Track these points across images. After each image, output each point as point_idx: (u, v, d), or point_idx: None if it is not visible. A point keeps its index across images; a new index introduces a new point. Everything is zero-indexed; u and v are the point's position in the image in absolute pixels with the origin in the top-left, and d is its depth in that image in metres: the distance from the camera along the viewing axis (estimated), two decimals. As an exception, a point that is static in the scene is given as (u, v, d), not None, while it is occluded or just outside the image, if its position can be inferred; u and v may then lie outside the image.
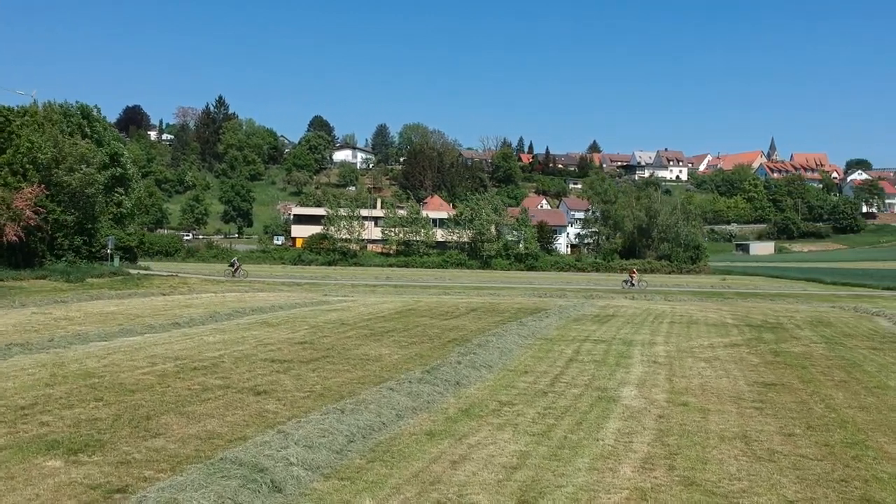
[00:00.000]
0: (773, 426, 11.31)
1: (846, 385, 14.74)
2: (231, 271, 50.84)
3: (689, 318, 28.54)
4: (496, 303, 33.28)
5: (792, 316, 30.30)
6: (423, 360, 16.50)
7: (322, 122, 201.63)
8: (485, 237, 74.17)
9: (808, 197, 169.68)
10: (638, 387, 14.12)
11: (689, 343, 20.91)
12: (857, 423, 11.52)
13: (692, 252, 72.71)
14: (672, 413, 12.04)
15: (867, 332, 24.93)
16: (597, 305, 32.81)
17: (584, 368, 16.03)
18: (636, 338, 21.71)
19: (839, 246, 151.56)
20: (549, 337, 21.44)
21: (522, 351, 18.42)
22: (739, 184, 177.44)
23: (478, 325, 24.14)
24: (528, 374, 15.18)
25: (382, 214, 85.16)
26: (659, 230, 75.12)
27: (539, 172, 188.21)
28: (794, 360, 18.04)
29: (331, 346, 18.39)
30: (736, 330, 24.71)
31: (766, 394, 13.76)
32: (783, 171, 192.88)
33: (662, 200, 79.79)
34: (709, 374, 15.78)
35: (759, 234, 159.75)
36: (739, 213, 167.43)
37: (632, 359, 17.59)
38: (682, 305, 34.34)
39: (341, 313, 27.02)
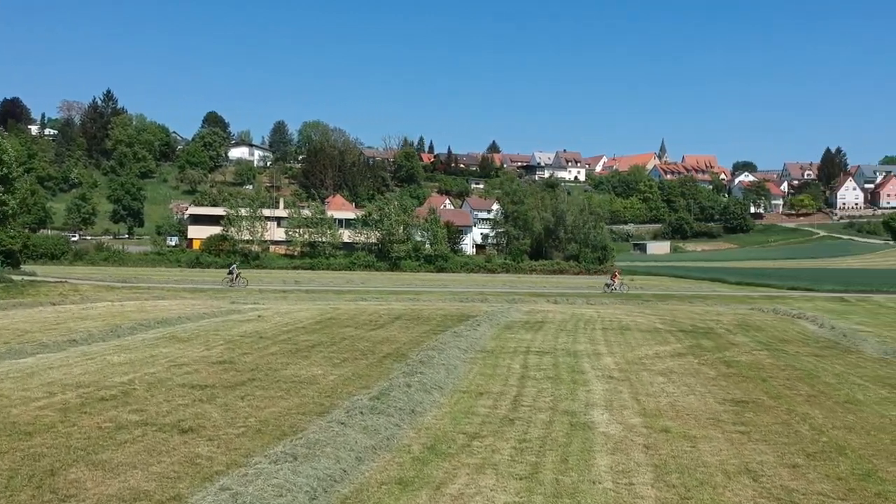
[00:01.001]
0: (770, 456, 10.30)
1: (817, 401, 14.00)
2: (230, 279, 46.39)
3: (620, 323, 27.85)
4: (418, 309, 31.79)
5: (718, 319, 30.09)
6: (363, 382, 14.86)
7: (217, 118, 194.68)
8: (394, 238, 72.55)
9: (700, 198, 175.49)
10: (607, 409, 12.94)
11: (635, 353, 20.01)
12: (855, 449, 10.65)
13: (600, 253, 73.32)
14: (657, 442, 10.89)
15: (799, 337, 24.77)
16: (522, 311, 31.80)
17: (540, 387, 14.75)
18: (578, 348, 20.67)
19: (730, 245, 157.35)
20: (489, 349, 20.14)
21: (467, 367, 17.02)
22: (635, 185, 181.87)
23: (408, 335, 22.60)
24: (484, 397, 13.78)
25: (286, 214, 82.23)
26: (566, 231, 75.32)
27: (441, 172, 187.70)
28: (749, 371, 17.33)
29: (255, 366, 16.48)
30: (672, 337, 24.07)
31: (743, 413, 12.83)
32: (676, 173, 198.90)
33: (569, 201, 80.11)
34: (672, 390, 14.79)
35: (655, 234, 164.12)
36: (636, 213, 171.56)
37: (585, 374, 16.46)
38: (606, 309, 33.77)
39: (256, 324, 24.95)
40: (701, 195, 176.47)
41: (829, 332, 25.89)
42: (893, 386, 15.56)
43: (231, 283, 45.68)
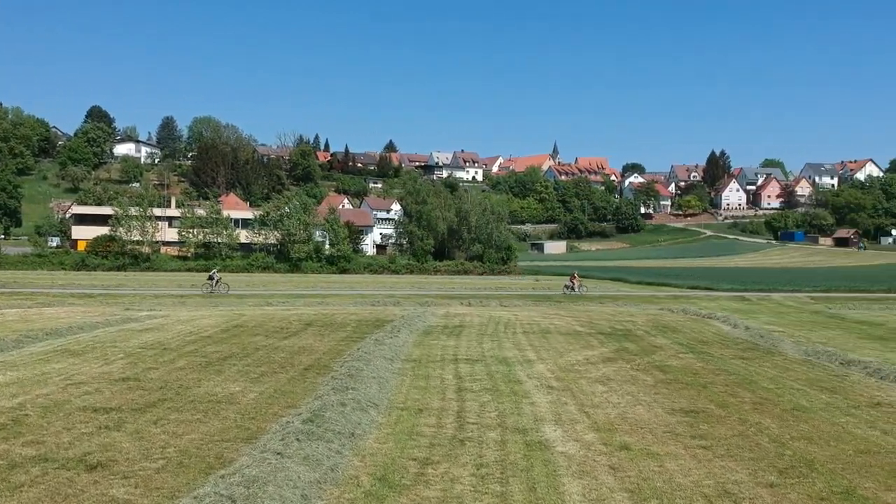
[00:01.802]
0: (742, 474, 9.71)
1: (764, 408, 13.64)
2: (210, 285, 43.53)
3: (539, 326, 27.33)
4: (330, 314, 30.41)
5: (632, 321, 30.04)
6: (288, 400, 13.58)
7: (101, 112, 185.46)
8: (294, 238, 70.34)
9: (594, 198, 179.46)
10: (557, 424, 12.15)
11: (565, 359, 19.40)
12: (824, 463, 10.19)
13: (503, 253, 73.33)
14: (622, 462, 10.14)
15: (717, 339, 24.83)
16: (437, 314, 30.89)
17: (481, 401, 13.83)
18: (507, 354, 19.90)
19: (623, 244, 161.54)
20: (415, 357, 19.11)
21: (398, 379, 15.94)
22: (531, 185, 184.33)
23: (326, 344, 21.30)
24: (424, 413, 12.75)
25: (178, 214, 78.55)
26: (470, 231, 74.99)
27: (338, 171, 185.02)
28: (685, 376, 16.95)
29: (163, 384, 14.88)
30: (595, 340, 23.67)
31: (697, 425, 12.28)
32: (570, 174, 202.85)
33: (472, 201, 79.84)
34: (616, 400, 14.17)
35: (551, 234, 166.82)
36: (532, 213, 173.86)
37: (523, 383, 15.66)
38: (521, 311, 33.28)
39: (158, 334, 23.05)
40: (594, 196, 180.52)
41: (745, 333, 26.11)
42: (832, 390, 15.44)
43: (211, 288, 43.07)
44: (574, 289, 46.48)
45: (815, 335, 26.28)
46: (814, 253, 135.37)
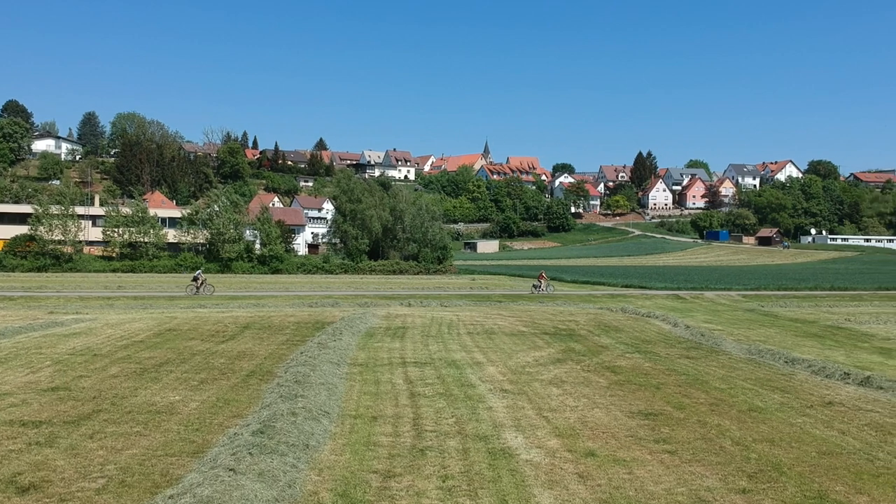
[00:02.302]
0: (713, 480, 9.50)
1: (721, 409, 13.55)
2: (194, 287, 41.94)
3: (483, 327, 27.00)
4: (266, 316, 29.47)
5: (574, 320, 30.00)
6: (233, 409, 12.87)
7: (18, 107, 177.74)
8: (224, 238, 68.46)
9: (525, 198, 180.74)
10: (518, 430, 11.77)
11: (514, 360, 19.07)
12: (791, 466, 10.08)
13: (439, 252, 72.90)
14: (590, 470, 9.82)
15: (660, 338, 24.91)
16: (378, 315, 30.26)
17: (437, 407, 13.37)
18: (455, 357, 19.47)
19: (554, 243, 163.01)
20: (361, 361, 18.51)
21: (347, 384, 15.34)
22: (464, 184, 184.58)
23: (266, 348, 20.50)
24: (379, 421, 12.21)
25: (103, 213, 75.57)
26: (405, 230, 74.33)
27: (268, 169, 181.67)
28: (637, 377, 16.81)
29: (96, 393, 13.97)
30: (540, 340, 23.45)
31: (658, 429, 12.08)
32: (502, 174, 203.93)
33: (407, 200, 79.17)
34: (573, 403, 13.89)
35: (484, 233, 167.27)
36: (465, 212, 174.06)
37: (476, 387, 15.24)
38: (463, 312, 32.90)
39: (87, 339, 21.85)
40: (526, 195, 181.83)
41: (686, 332, 26.28)
42: (783, 390, 15.49)
43: (196, 290, 41.69)
44: (542, 288, 46.49)
45: (753, 333, 26.64)
46: (738, 251, 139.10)
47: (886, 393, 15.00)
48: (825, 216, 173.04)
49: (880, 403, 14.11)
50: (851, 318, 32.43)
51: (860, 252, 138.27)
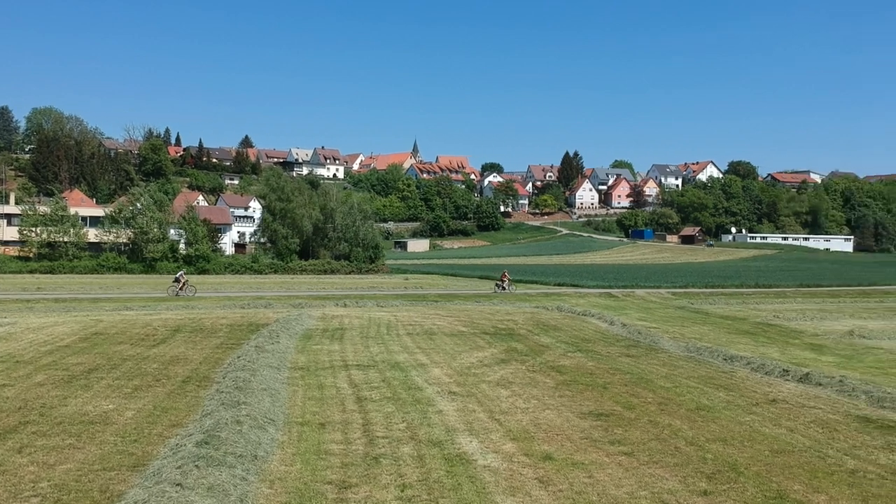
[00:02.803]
0: (672, 481, 9.43)
1: (670, 409, 13.57)
2: (175, 288, 41.01)
3: (422, 327, 26.69)
4: (197, 318, 28.52)
5: (512, 319, 29.96)
6: (172, 418, 12.27)
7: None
8: (148, 237, 66.28)
9: (455, 197, 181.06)
10: (472, 434, 11.52)
11: (459, 362, 18.83)
12: (747, 466, 10.11)
13: (371, 252, 72.25)
14: (549, 474, 9.63)
15: (599, 336, 25.05)
16: (314, 316, 29.61)
17: (385, 411, 13.01)
18: (398, 359, 19.11)
19: (484, 242, 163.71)
20: (301, 365, 17.98)
21: (290, 390, 14.83)
22: (393, 183, 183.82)
23: (200, 353, 19.75)
24: (328, 428, 11.80)
25: (19, 211, 72.29)
26: (336, 229, 73.36)
27: (192, 167, 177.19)
28: (582, 377, 16.76)
29: (22, 403, 13.14)
30: (481, 340, 23.28)
31: (611, 430, 11.99)
32: (431, 173, 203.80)
33: (338, 199, 78.18)
34: (523, 405, 13.72)
35: (414, 232, 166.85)
36: (395, 211, 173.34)
37: (423, 390, 14.94)
38: (400, 312, 32.50)
39: (7, 344, 20.66)
40: (456, 194, 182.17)
41: (623, 330, 26.52)
42: (727, 388, 15.64)
43: (178, 291, 40.80)
44: (504, 287, 46.78)
45: (687, 331, 27.05)
46: (663, 250, 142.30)
47: (826, 389, 15.30)
48: (745, 215, 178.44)
49: (822, 400, 14.36)
50: (779, 314, 33.30)
51: (779, 250, 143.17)
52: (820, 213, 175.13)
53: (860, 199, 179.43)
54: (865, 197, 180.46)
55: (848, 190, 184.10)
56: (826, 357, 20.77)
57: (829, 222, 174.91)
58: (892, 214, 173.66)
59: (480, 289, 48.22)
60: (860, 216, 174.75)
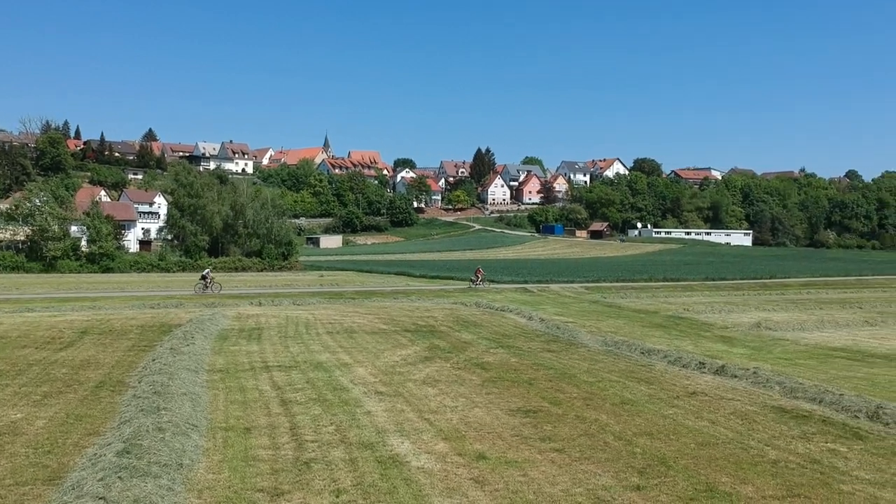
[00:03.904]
0: (605, 477, 9.56)
1: (595, 403, 13.77)
2: (202, 285, 41.81)
3: (342, 325, 26.36)
4: (105, 319, 27.39)
5: (432, 316, 29.93)
6: (88, 426, 11.72)
7: None
8: (48, 235, 63.32)
9: (368, 192, 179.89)
10: (403, 435, 11.40)
11: (382, 360, 18.66)
12: (676, 460, 10.34)
13: (284, 248, 70.96)
14: (484, 474, 9.62)
15: (519, 332, 25.28)
16: (229, 316, 28.85)
17: (312, 413, 12.75)
18: (321, 359, 18.79)
19: (397, 238, 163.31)
20: (220, 367, 17.47)
21: (211, 393, 14.37)
22: (305, 178, 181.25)
23: (112, 356, 18.95)
24: (254, 433, 11.47)
25: None
26: (247, 226, 71.76)
27: (93, 161, 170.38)
28: (507, 373, 16.86)
29: (-81, 415, 12.29)
30: (403, 338, 23.16)
31: (540, 426, 12.09)
32: (344, 168, 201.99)
33: (249, 195, 76.48)
34: (452, 403, 13.68)
35: (327, 228, 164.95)
36: (306, 207, 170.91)
37: (349, 391, 14.72)
38: (318, 310, 32.01)
39: None
40: (368, 190, 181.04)
41: (541, 325, 26.85)
42: (648, 381, 16.00)
43: (204, 288, 41.56)
44: (478, 282, 47.95)
45: (603, 325, 27.60)
46: (573, 245, 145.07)
47: (741, 381, 15.82)
48: (650, 211, 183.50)
49: (739, 392, 14.84)
50: (688, 308, 34.37)
51: (683, 245, 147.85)
52: (721, 208, 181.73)
53: (758, 196, 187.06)
54: (763, 193, 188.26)
55: (747, 186, 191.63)
56: (737, 349, 21.53)
57: (729, 217, 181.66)
58: (787, 210, 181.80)
59: (397, 285, 48.01)
60: (758, 211, 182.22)
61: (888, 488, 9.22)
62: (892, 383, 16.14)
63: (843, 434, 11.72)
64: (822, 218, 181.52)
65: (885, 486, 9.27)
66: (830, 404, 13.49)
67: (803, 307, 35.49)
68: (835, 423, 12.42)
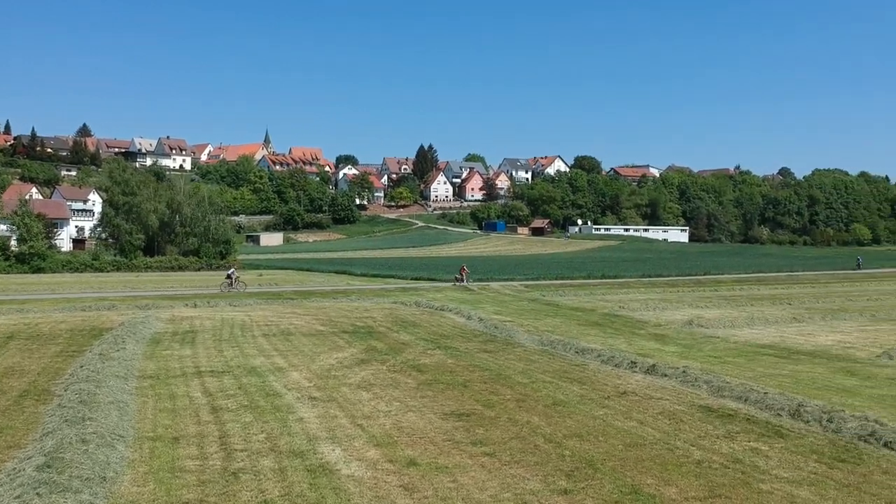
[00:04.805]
0: (534, 481, 9.66)
1: (527, 405, 13.92)
2: (227, 284, 42.98)
3: (278, 327, 26.09)
4: (33, 323, 26.61)
5: (371, 316, 29.85)
6: (8, 438, 11.42)
7: None
8: (-26, 234, 61.28)
9: (309, 189, 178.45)
10: (335, 442, 11.34)
11: (318, 364, 18.53)
12: (603, 461, 10.50)
13: (222, 247, 69.87)
14: (413, 480, 9.64)
15: (457, 332, 25.36)
16: (162, 318, 28.31)
17: (243, 421, 12.60)
18: (254, 363, 18.57)
19: (339, 235, 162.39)
20: (151, 373, 17.13)
21: (139, 401, 14.08)
22: (245, 175, 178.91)
23: (38, 362, 18.44)
24: (182, 443, 11.28)
25: None
26: (184, 224, 70.48)
27: (23, 156, 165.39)
28: (443, 376, 16.91)
29: None
30: (341, 340, 23.05)
31: (473, 430, 12.16)
32: (285, 164, 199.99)
33: (186, 192, 75.10)
34: (385, 407, 13.67)
35: (267, 225, 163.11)
36: (246, 204, 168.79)
37: (282, 396, 14.59)
38: (255, 311, 31.62)
39: None
40: (310, 187, 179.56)
41: (480, 325, 26.99)
42: (580, 381, 16.22)
43: (229, 287, 42.74)
44: (463, 280, 48.25)
45: (540, 324, 27.88)
46: (514, 242, 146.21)
47: (671, 380, 16.16)
48: (590, 208, 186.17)
49: (668, 391, 15.16)
50: (624, 305, 34.93)
51: (622, 241, 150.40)
52: (658, 205, 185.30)
53: (695, 193, 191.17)
54: (699, 190, 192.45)
55: (684, 184, 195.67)
56: (669, 347, 21.98)
57: (666, 214, 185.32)
58: (722, 206, 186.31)
59: (338, 285, 47.74)
60: (695, 208, 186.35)
61: (804, 486, 9.53)
62: (814, 380, 16.67)
63: (765, 432, 12.07)
64: (756, 214, 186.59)
65: (801, 485, 9.58)
66: (755, 403, 13.88)
67: (735, 304, 36.40)
68: (758, 421, 12.79)
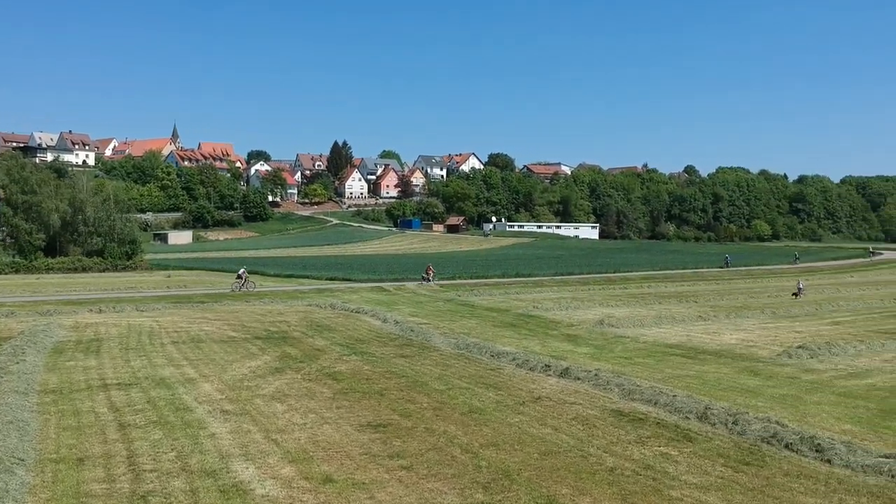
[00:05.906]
0: (451, 495, 9.72)
1: (444, 413, 13.98)
2: (238, 284, 43.96)
3: (188, 334, 25.37)
4: (-78, 333, 25.13)
5: (285, 320, 29.39)
6: None
7: None
8: None
9: (220, 186, 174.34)
10: (248, 460, 11.13)
11: (230, 374, 18.11)
12: (519, 472, 10.66)
13: (128, 247, 67.46)
14: (330, 499, 9.60)
15: (373, 336, 25.22)
16: (65, 325, 27.15)
17: (152, 439, 12.21)
18: (163, 374, 18.02)
19: (251, 233, 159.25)
20: (53, 387, 16.42)
21: (41, 419, 13.48)
22: (152, 171, 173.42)
23: (-72, 377, 17.39)
24: (87, 464, 10.86)
25: None
26: (87, 223, 67.74)
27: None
28: (359, 384, 16.80)
29: None
30: (254, 347, 22.61)
31: (390, 442, 12.13)
32: (194, 160, 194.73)
33: (90, 190, 72.17)
34: (301, 420, 13.49)
35: (176, 223, 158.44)
36: (154, 201, 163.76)
37: (193, 410, 14.20)
38: (163, 317, 30.62)
39: None
40: (220, 183, 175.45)
41: (396, 328, 26.92)
42: (496, 387, 16.37)
43: (241, 287, 43.64)
44: (430, 279, 48.52)
45: (456, 325, 28.02)
46: (430, 239, 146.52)
47: (584, 383, 16.48)
48: (504, 205, 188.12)
49: (581, 395, 15.46)
50: (538, 305, 35.42)
51: (535, 238, 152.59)
52: (570, 202, 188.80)
53: (604, 190, 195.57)
54: (609, 188, 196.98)
55: (594, 181, 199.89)
56: (581, 348, 22.41)
57: (577, 211, 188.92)
58: (631, 203, 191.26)
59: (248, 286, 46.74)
60: (604, 205, 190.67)
61: (712, 491, 9.87)
62: (719, 381, 17.28)
63: (674, 437, 12.44)
64: (662, 211, 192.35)
65: (709, 490, 9.91)
66: (664, 406, 14.29)
67: (644, 302, 37.40)
68: (668, 425, 13.17)
